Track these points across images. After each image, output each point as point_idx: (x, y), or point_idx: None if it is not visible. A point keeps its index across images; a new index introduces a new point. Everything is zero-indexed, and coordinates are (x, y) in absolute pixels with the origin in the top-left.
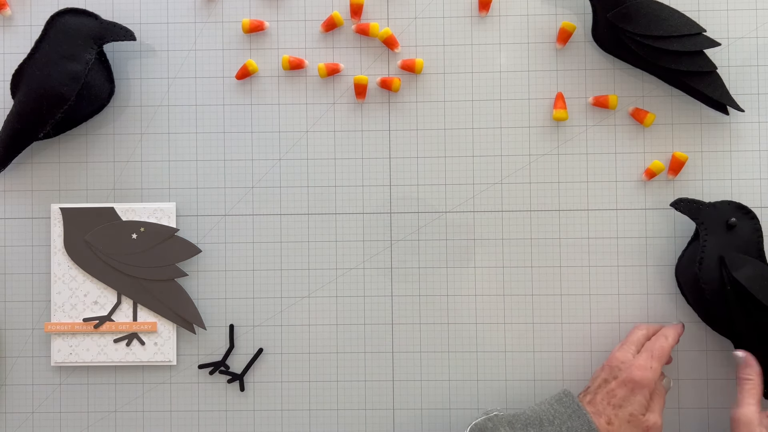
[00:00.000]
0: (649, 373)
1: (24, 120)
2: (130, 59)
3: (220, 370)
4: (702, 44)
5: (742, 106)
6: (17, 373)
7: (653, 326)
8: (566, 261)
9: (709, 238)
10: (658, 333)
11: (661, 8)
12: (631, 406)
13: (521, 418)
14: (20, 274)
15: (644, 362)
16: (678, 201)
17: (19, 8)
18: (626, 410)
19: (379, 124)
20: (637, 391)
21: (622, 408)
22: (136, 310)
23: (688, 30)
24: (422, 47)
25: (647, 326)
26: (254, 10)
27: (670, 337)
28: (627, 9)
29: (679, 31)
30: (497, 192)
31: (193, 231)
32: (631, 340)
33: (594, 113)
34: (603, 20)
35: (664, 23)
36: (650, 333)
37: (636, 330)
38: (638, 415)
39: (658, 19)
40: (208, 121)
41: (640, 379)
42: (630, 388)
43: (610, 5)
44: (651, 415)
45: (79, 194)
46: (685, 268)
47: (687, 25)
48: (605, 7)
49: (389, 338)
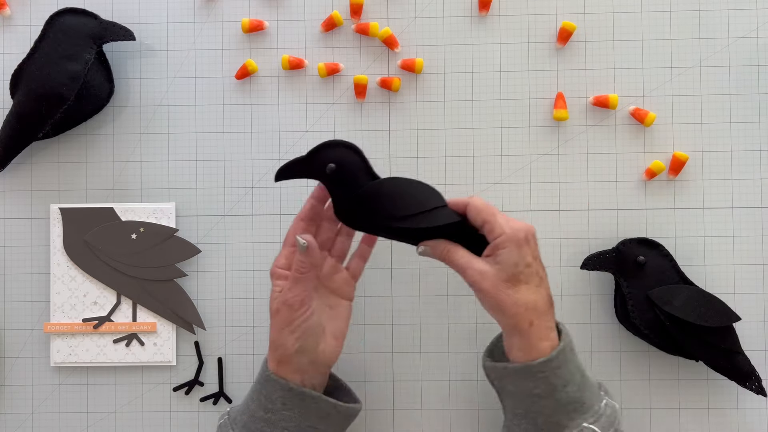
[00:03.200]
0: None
1: (23, 120)
2: (129, 59)
3: (196, 389)
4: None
5: (742, 105)
6: (17, 373)
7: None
8: (566, 261)
9: (629, 282)
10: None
11: (407, 184)
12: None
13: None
14: (20, 274)
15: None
16: (586, 261)
17: (18, 8)
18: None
19: (379, 124)
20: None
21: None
22: (135, 310)
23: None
24: (422, 47)
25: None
26: (254, 9)
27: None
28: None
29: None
30: (497, 192)
31: (192, 231)
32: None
33: (594, 113)
34: (342, 197)
35: (411, 200)
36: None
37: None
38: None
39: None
40: (207, 121)
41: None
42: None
43: (349, 186)
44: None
45: (79, 194)
46: (623, 317)
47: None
48: (344, 188)
49: (389, 338)
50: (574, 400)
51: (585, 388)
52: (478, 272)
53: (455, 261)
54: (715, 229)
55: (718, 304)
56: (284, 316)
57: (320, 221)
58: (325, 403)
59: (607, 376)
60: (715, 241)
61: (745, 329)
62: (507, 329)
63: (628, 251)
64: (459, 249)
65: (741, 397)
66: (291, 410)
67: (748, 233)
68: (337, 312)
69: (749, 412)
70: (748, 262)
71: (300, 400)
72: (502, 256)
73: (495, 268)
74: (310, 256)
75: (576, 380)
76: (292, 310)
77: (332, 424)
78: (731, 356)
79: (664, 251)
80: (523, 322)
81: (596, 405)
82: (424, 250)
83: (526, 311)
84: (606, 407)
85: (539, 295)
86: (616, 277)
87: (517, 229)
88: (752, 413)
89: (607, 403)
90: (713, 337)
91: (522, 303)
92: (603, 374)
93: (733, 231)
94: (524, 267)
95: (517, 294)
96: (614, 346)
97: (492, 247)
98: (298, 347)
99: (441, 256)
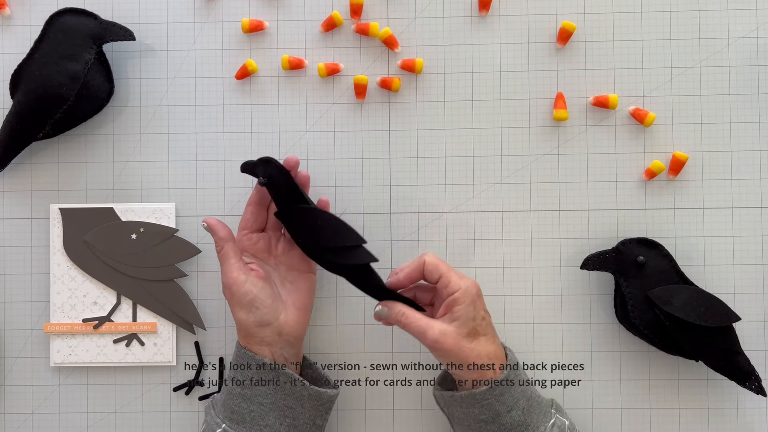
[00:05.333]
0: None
1: (23, 120)
2: (129, 59)
3: (195, 388)
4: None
5: (742, 105)
6: (16, 373)
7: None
8: (566, 261)
9: (629, 282)
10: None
11: (324, 218)
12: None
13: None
14: (19, 274)
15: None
16: (586, 261)
17: (18, 8)
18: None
19: (379, 124)
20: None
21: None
22: (135, 310)
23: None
24: (422, 47)
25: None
26: (254, 10)
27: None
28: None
29: (334, 243)
30: (497, 192)
31: (192, 231)
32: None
33: (594, 113)
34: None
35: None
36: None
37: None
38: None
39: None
40: (207, 121)
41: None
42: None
43: (277, 200)
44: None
45: (79, 194)
46: (623, 317)
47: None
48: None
49: (389, 338)
50: (519, 424)
51: (531, 411)
52: (439, 332)
53: (412, 323)
54: (715, 229)
55: (718, 304)
56: (228, 295)
57: (269, 204)
58: (298, 383)
59: (607, 376)
60: (714, 241)
61: (745, 329)
62: (466, 376)
63: (627, 251)
64: (414, 311)
65: (741, 397)
66: (266, 385)
67: (748, 233)
68: (297, 285)
69: (749, 412)
70: (748, 262)
71: (273, 377)
72: (460, 312)
73: (454, 325)
74: (215, 234)
75: (520, 405)
76: (229, 289)
77: (307, 407)
78: (731, 356)
79: (664, 251)
80: (485, 367)
81: (542, 426)
82: (381, 311)
83: (487, 358)
84: (552, 426)
85: (496, 346)
86: (616, 277)
87: (469, 285)
88: (752, 413)
89: (555, 422)
90: (713, 337)
91: (484, 354)
92: (603, 374)
93: (733, 231)
94: (480, 320)
95: (478, 347)
96: (614, 346)
97: (448, 303)
98: (256, 320)
99: (396, 318)
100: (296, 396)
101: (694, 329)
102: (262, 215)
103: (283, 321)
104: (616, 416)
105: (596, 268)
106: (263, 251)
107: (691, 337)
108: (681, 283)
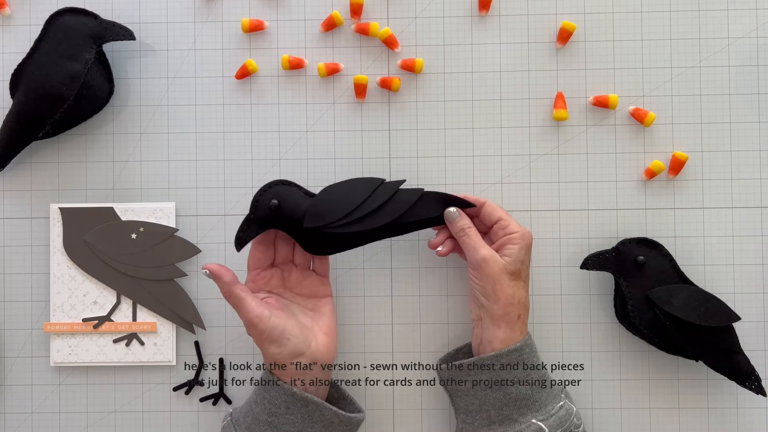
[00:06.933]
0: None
1: (23, 119)
2: (129, 59)
3: (195, 388)
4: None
5: (742, 105)
6: (16, 373)
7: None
8: (566, 261)
9: (629, 282)
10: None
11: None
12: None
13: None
14: (19, 274)
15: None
16: (586, 261)
17: (18, 8)
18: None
19: (379, 124)
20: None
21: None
22: (135, 310)
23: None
24: (422, 47)
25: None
26: (254, 9)
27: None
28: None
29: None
30: (497, 192)
31: (192, 231)
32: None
33: (594, 113)
34: (301, 231)
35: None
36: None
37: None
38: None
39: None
40: (207, 120)
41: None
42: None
43: (295, 213)
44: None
45: (79, 194)
46: (623, 317)
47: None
48: (293, 220)
49: (389, 338)
50: (526, 398)
51: (541, 389)
52: (490, 255)
53: (471, 236)
54: (715, 229)
55: (717, 304)
56: (254, 334)
57: (275, 241)
58: (327, 411)
59: (607, 376)
60: (714, 241)
61: (744, 329)
62: (495, 319)
63: (627, 251)
64: (476, 229)
65: (741, 397)
66: (294, 414)
67: (748, 233)
68: (320, 311)
69: (749, 411)
70: (748, 262)
71: (303, 406)
72: (513, 251)
73: (504, 259)
74: (219, 280)
75: (531, 378)
76: (254, 328)
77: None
78: (731, 356)
79: (664, 251)
80: (513, 314)
81: (551, 405)
82: (454, 212)
83: (518, 305)
84: (560, 409)
85: (527, 294)
86: (616, 277)
87: (526, 231)
88: (752, 413)
89: (563, 405)
90: (713, 336)
91: (517, 297)
92: (603, 374)
93: (733, 231)
94: (525, 267)
95: (515, 288)
96: (614, 346)
97: (503, 242)
98: (289, 352)
99: (460, 226)
100: (323, 422)
101: (694, 329)
102: (270, 251)
103: (315, 348)
104: (616, 416)
105: (596, 268)
106: (278, 287)
107: (691, 337)
108: (681, 282)
